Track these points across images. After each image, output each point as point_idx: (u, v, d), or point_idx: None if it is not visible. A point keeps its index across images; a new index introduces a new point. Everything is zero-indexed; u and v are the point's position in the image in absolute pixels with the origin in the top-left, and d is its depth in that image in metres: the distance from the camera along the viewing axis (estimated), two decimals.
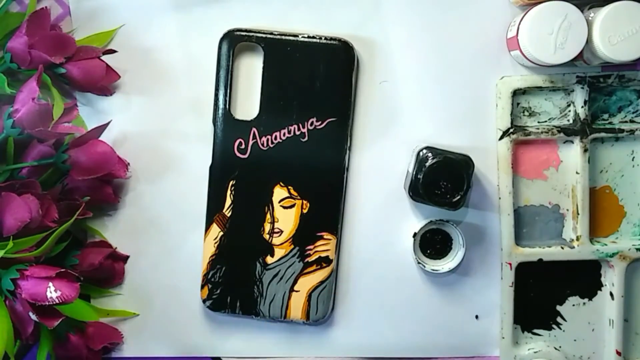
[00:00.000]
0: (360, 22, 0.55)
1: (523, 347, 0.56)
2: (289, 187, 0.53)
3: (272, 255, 0.54)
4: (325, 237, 0.54)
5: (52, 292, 0.45)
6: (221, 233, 0.54)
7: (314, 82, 0.53)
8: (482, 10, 0.54)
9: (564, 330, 0.57)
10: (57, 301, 0.45)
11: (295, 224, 0.54)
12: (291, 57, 0.52)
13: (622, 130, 0.54)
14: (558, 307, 0.57)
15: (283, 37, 0.52)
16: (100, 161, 0.52)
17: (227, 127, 0.53)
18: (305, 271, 0.54)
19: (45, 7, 0.51)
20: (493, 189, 0.55)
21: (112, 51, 0.54)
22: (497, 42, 0.54)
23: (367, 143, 0.55)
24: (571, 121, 0.55)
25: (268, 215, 0.53)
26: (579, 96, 0.54)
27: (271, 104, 0.53)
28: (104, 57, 0.53)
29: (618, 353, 0.55)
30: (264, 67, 0.53)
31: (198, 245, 0.55)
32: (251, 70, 0.54)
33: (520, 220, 0.56)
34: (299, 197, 0.53)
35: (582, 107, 0.54)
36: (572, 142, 0.55)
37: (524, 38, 0.50)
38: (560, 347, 0.57)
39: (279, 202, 0.53)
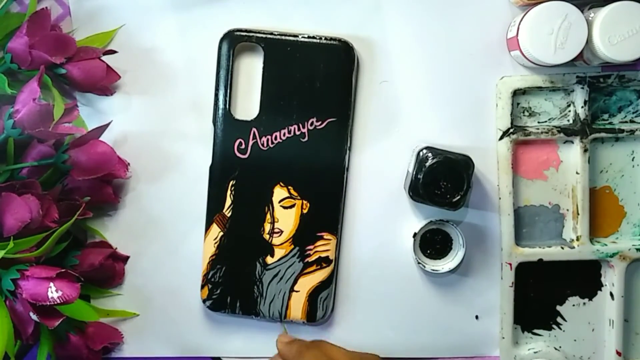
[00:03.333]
0: (360, 22, 0.55)
1: (523, 347, 0.57)
2: (289, 187, 0.53)
3: (272, 256, 0.54)
4: (325, 237, 0.54)
5: (54, 293, 0.45)
6: (221, 233, 0.54)
7: (314, 82, 0.52)
8: (482, 11, 0.54)
9: (564, 331, 0.57)
10: (59, 301, 0.45)
11: (296, 224, 0.54)
12: (291, 57, 0.52)
13: (622, 131, 0.54)
14: (558, 307, 0.57)
15: (283, 37, 0.52)
16: (101, 161, 0.52)
17: (227, 127, 0.53)
18: (306, 271, 0.54)
19: (46, 7, 0.51)
20: (493, 189, 0.55)
21: (113, 51, 0.54)
22: (497, 42, 0.54)
23: (367, 143, 0.55)
24: (571, 121, 0.55)
25: (268, 215, 0.53)
26: (579, 96, 0.54)
27: (271, 104, 0.53)
28: (104, 58, 0.53)
29: (618, 353, 0.55)
30: (264, 67, 0.53)
31: (198, 245, 0.55)
32: (251, 70, 0.54)
33: (521, 221, 0.56)
34: (299, 197, 0.53)
35: (582, 107, 0.54)
36: (572, 142, 0.55)
37: (524, 38, 0.50)
38: (560, 347, 0.57)
39: (279, 202, 0.53)
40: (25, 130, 0.48)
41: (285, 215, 0.53)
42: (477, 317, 0.57)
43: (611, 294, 0.55)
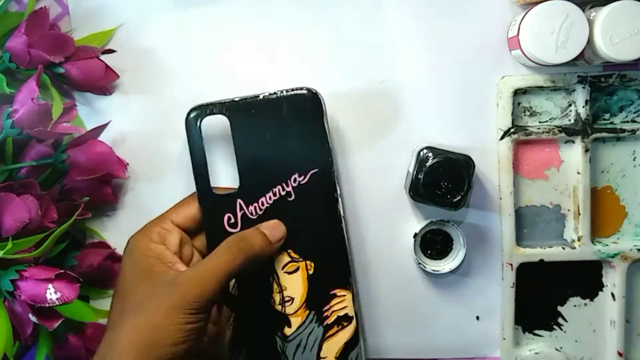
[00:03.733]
0: (360, 22, 0.54)
1: (524, 348, 0.56)
2: (289, 251, 0.50)
3: (290, 326, 0.50)
4: (338, 294, 0.50)
5: (52, 294, 0.45)
6: (233, 314, 0.51)
7: (287, 137, 0.50)
8: (483, 10, 0.54)
9: (565, 331, 0.57)
10: (58, 303, 0.45)
11: (305, 287, 0.50)
12: (257, 118, 0.49)
13: (623, 130, 0.54)
14: (559, 308, 0.57)
15: (244, 100, 0.49)
16: (99, 161, 0.52)
17: (213, 205, 0.50)
18: (328, 335, 0.50)
19: (44, 6, 0.51)
20: (494, 189, 0.55)
21: (111, 51, 0.54)
22: (498, 42, 0.54)
23: (367, 143, 0.55)
24: (572, 121, 0.55)
25: (275, 285, 0.50)
26: (580, 96, 0.54)
27: (250, 170, 0.50)
28: (103, 57, 0.53)
29: (619, 354, 0.55)
30: (233, 135, 0.50)
31: None
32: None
33: (522, 221, 0.56)
34: (301, 259, 0.50)
35: (584, 106, 0.54)
36: (573, 142, 0.55)
37: (525, 37, 0.50)
38: (561, 348, 0.57)
39: (282, 268, 0.50)
40: (23, 129, 0.47)
41: (291, 281, 0.50)
42: (477, 317, 0.56)
43: (612, 295, 0.55)
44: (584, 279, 0.56)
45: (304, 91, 0.49)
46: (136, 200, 0.56)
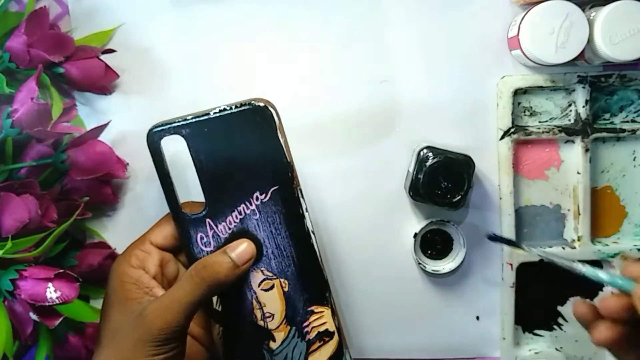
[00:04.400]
0: (360, 22, 0.54)
1: (524, 348, 0.56)
2: (262, 270, 0.48)
3: (274, 340, 0.49)
4: (316, 310, 0.49)
5: (52, 293, 0.45)
6: (220, 328, 0.51)
7: (243, 154, 0.47)
8: (483, 10, 0.54)
9: (565, 331, 0.57)
10: (58, 301, 0.45)
11: (282, 304, 0.49)
12: (211, 136, 0.47)
13: (623, 130, 0.54)
14: (559, 308, 0.56)
15: (196, 118, 0.47)
16: (99, 161, 0.52)
17: (186, 225, 0.49)
18: (311, 349, 0.49)
19: (44, 6, 0.51)
20: (494, 189, 0.55)
21: (111, 50, 0.54)
22: (498, 42, 0.54)
23: (367, 143, 0.55)
24: (572, 121, 0.55)
25: (254, 302, 0.49)
26: (580, 96, 0.54)
27: (212, 190, 0.48)
28: (102, 57, 0.53)
29: None
30: (191, 155, 0.48)
31: None
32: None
33: (521, 221, 0.56)
34: (274, 277, 0.49)
35: (584, 106, 0.54)
36: (573, 142, 0.55)
37: (525, 37, 0.50)
38: (561, 347, 0.57)
39: (259, 286, 0.49)
40: (23, 129, 0.47)
41: (269, 298, 0.49)
42: (477, 317, 0.56)
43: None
44: (584, 279, 0.56)
45: (252, 106, 0.46)
46: (136, 200, 0.56)
